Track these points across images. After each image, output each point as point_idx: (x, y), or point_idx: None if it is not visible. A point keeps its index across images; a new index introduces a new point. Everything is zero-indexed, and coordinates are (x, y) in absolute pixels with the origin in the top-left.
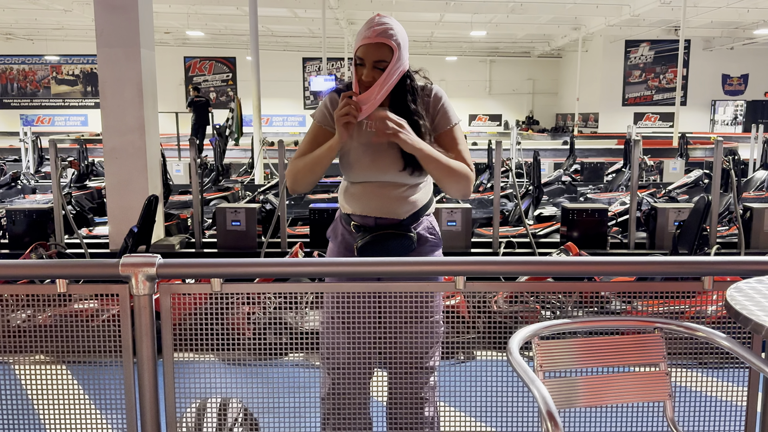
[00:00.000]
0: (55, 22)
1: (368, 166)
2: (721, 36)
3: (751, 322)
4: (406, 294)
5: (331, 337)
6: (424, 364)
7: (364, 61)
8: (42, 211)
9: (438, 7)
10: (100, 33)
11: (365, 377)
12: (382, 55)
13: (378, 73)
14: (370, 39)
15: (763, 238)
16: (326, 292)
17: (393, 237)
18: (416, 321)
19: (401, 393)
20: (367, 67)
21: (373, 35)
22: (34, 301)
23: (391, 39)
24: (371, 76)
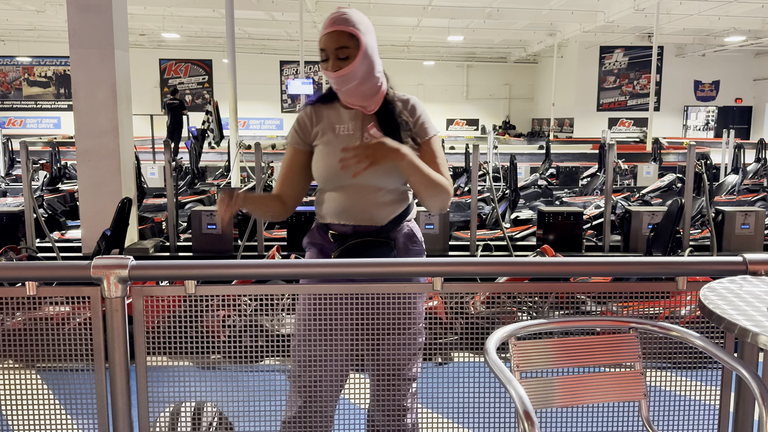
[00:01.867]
0: (27, 23)
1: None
2: (693, 43)
3: (725, 320)
4: (385, 300)
5: (306, 350)
6: (405, 374)
7: (327, 51)
8: (13, 214)
9: (415, 12)
10: (73, 34)
11: (336, 395)
12: (342, 41)
13: (343, 63)
14: (328, 28)
15: (734, 240)
16: (301, 300)
17: (371, 245)
18: (397, 331)
19: (383, 402)
20: (331, 59)
21: (330, 24)
22: (3, 304)
23: (349, 25)
24: (336, 66)
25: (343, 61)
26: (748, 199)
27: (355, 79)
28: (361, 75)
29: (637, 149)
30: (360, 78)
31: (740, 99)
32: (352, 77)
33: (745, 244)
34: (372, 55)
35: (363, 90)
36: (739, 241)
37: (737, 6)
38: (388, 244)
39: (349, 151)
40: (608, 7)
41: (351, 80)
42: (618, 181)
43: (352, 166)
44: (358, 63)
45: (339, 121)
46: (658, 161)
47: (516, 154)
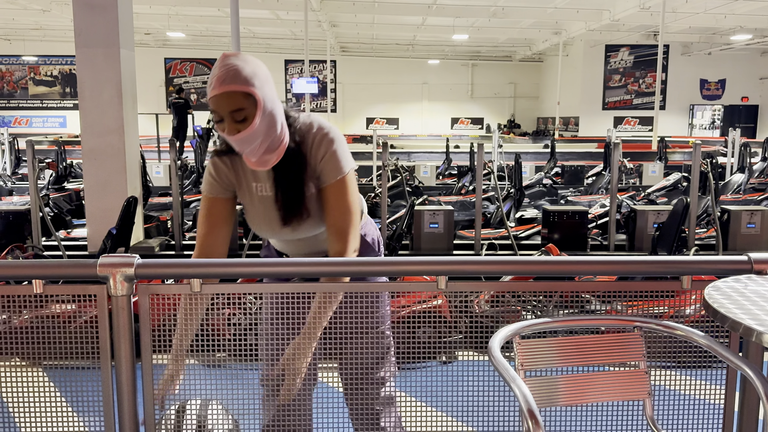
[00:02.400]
0: (33, 22)
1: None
2: (699, 41)
3: (729, 319)
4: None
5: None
6: (372, 377)
7: (220, 114)
8: (19, 212)
9: (420, 11)
10: (78, 33)
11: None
12: (236, 103)
13: (241, 125)
14: (216, 89)
15: (740, 239)
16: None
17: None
18: (362, 331)
19: (354, 405)
20: (226, 121)
21: (218, 85)
22: (10, 302)
23: (240, 83)
24: (235, 129)
25: (240, 123)
26: (754, 198)
27: (257, 139)
28: (263, 133)
29: (643, 148)
30: (262, 136)
31: (746, 98)
32: (252, 138)
33: (751, 243)
34: (272, 108)
35: (266, 147)
36: (745, 241)
37: (743, 4)
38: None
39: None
40: (614, 6)
41: (252, 141)
42: (623, 180)
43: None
44: (258, 123)
45: (255, 177)
46: (663, 160)
47: (521, 153)
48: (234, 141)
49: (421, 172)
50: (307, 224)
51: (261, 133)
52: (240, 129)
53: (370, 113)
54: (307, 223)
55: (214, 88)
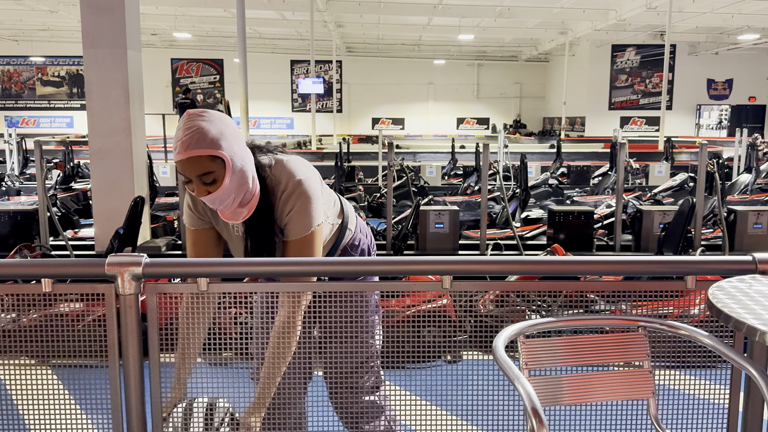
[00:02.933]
0: (41, 23)
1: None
2: (706, 41)
3: (732, 319)
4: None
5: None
6: (353, 383)
7: (188, 177)
8: (27, 212)
9: (426, 11)
10: (86, 34)
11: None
12: (202, 167)
13: (212, 187)
14: (182, 155)
15: (746, 240)
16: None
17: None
18: (344, 336)
19: (337, 410)
20: (195, 184)
21: (183, 149)
22: (18, 301)
23: (205, 146)
24: (204, 191)
25: (210, 185)
26: (761, 199)
27: (230, 196)
28: (234, 191)
29: (649, 148)
30: (234, 193)
31: (754, 97)
32: (224, 197)
33: (758, 243)
34: (242, 164)
35: (239, 201)
36: (751, 241)
37: (751, 4)
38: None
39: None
40: (620, 6)
41: (225, 200)
42: (629, 181)
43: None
44: (228, 183)
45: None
46: (670, 160)
47: (527, 153)
48: (206, 201)
49: (426, 172)
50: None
51: (232, 191)
52: (210, 190)
53: (375, 113)
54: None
55: (179, 153)
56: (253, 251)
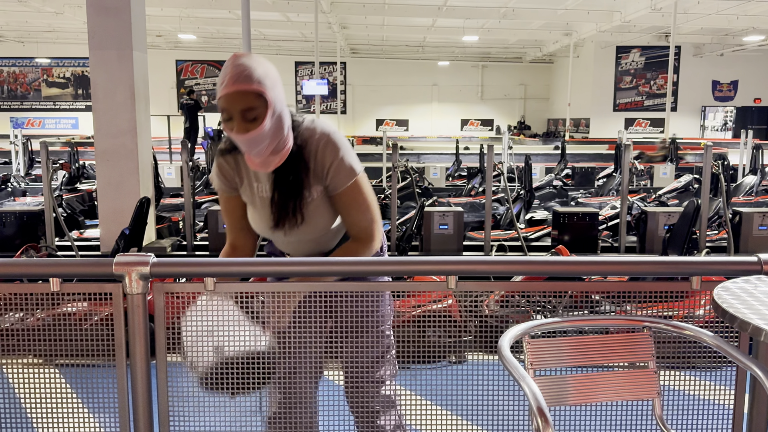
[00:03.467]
0: (46, 25)
1: (265, 231)
2: (711, 42)
3: (738, 319)
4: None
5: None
6: (371, 376)
7: (230, 113)
8: (33, 213)
9: (430, 12)
10: (92, 35)
11: (313, 388)
12: (247, 102)
13: (251, 125)
14: (228, 88)
15: (751, 241)
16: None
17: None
18: (361, 330)
19: (354, 403)
20: (236, 120)
21: (230, 83)
22: (26, 301)
23: (254, 83)
24: (244, 128)
25: (250, 122)
26: (767, 200)
27: (265, 140)
28: (271, 135)
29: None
30: (270, 137)
31: (759, 99)
32: (261, 139)
33: (763, 245)
34: (281, 110)
35: (272, 148)
36: (756, 243)
37: (756, 5)
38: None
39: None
40: (625, 7)
41: (261, 142)
42: (634, 182)
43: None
44: (267, 124)
45: (257, 178)
46: (675, 162)
47: (531, 155)
48: (243, 140)
49: (430, 174)
50: (302, 230)
51: (269, 134)
52: (249, 129)
53: (379, 115)
54: (302, 229)
55: (226, 86)
56: (279, 206)
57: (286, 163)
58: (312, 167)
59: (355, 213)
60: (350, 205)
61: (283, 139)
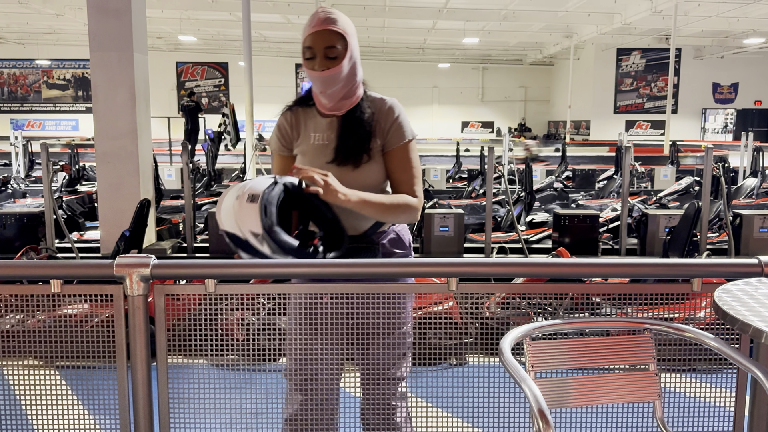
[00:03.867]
0: (47, 26)
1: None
2: (712, 45)
3: (738, 321)
4: (374, 301)
5: (298, 347)
6: (393, 374)
7: (314, 50)
8: (33, 215)
9: (431, 14)
10: (93, 37)
11: (335, 389)
12: (331, 40)
13: (331, 63)
14: (316, 27)
15: (752, 244)
16: (293, 298)
17: (356, 251)
18: (387, 330)
19: (372, 401)
20: (318, 57)
21: (319, 23)
22: (27, 302)
23: (339, 25)
24: (324, 65)
25: (331, 60)
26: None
27: (341, 81)
28: (345, 77)
29: (655, 152)
30: (344, 80)
31: (760, 101)
32: (338, 78)
33: (764, 247)
34: (356, 59)
35: (344, 93)
36: (757, 245)
37: (756, 7)
38: (370, 248)
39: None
40: (625, 9)
41: (337, 82)
42: (635, 184)
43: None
44: (346, 63)
45: (315, 128)
46: (675, 164)
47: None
48: (322, 77)
49: (431, 176)
50: (355, 176)
51: (344, 76)
52: (329, 66)
53: None
54: (356, 176)
55: (315, 26)
56: (344, 145)
57: (355, 112)
58: (376, 126)
59: (403, 172)
60: (401, 164)
61: (355, 86)
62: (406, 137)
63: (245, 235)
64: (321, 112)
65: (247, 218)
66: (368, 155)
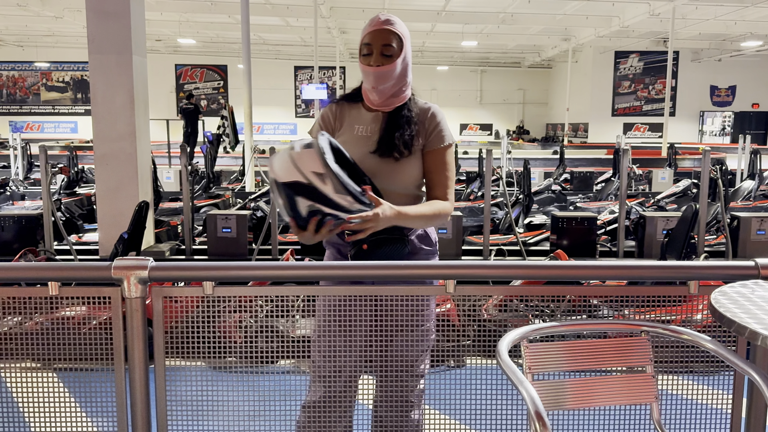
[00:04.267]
0: (46, 29)
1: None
2: (709, 48)
3: (735, 324)
4: (399, 298)
5: (324, 343)
6: (414, 370)
7: (372, 46)
8: (31, 217)
9: (429, 17)
10: (92, 40)
11: (354, 384)
12: (388, 39)
13: (386, 60)
14: (377, 26)
15: (750, 246)
16: (321, 297)
17: (386, 242)
18: (409, 328)
19: (390, 397)
20: (375, 54)
21: (379, 23)
22: (25, 304)
23: (397, 27)
24: (380, 61)
25: (386, 57)
26: (765, 205)
27: (392, 79)
28: (397, 75)
29: (653, 154)
30: (396, 78)
31: (757, 104)
32: (390, 75)
33: (761, 249)
34: (408, 62)
35: (394, 91)
36: (754, 247)
37: (754, 11)
38: (402, 240)
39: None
40: (623, 12)
41: (389, 79)
42: (633, 187)
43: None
44: (399, 63)
45: (359, 121)
46: (673, 166)
47: (530, 159)
48: (376, 72)
49: None
50: (397, 166)
51: (396, 74)
52: (384, 63)
53: None
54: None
55: (375, 25)
56: (388, 137)
57: (402, 110)
58: (420, 128)
59: (438, 173)
60: (438, 166)
61: (405, 86)
62: (446, 141)
63: (308, 177)
64: (367, 107)
65: (307, 160)
66: (409, 151)
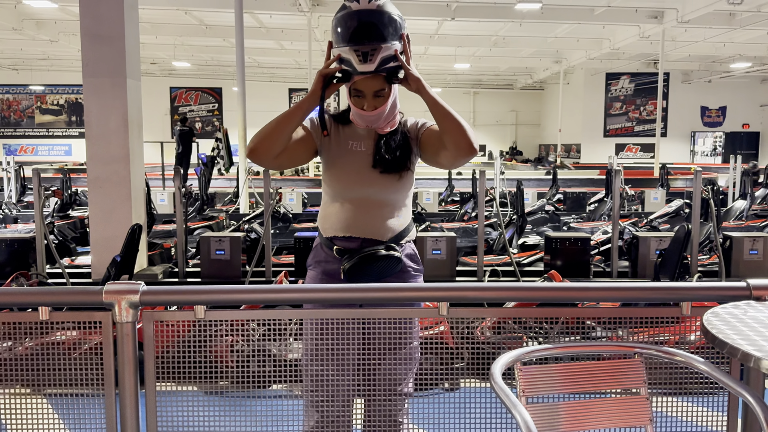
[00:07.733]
0: (41, 52)
1: (352, 179)
2: (699, 69)
3: (727, 345)
4: (387, 321)
5: (315, 368)
6: (401, 390)
7: (364, 93)
8: (24, 240)
9: (422, 40)
10: (86, 63)
11: (349, 407)
12: (381, 85)
13: (379, 102)
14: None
15: (742, 266)
16: (307, 321)
17: (379, 258)
18: (396, 348)
19: (378, 419)
20: (368, 99)
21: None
22: (15, 329)
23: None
24: (373, 105)
25: (379, 98)
26: (757, 225)
27: (383, 117)
28: (387, 113)
29: (645, 175)
30: (385, 118)
31: (747, 125)
32: (381, 114)
33: (754, 269)
34: (396, 98)
35: (387, 122)
36: (747, 267)
37: (742, 33)
38: (395, 256)
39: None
40: (613, 35)
41: (380, 119)
42: (625, 207)
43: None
44: (389, 104)
45: (353, 137)
46: (665, 187)
47: (523, 180)
48: (368, 116)
49: (423, 199)
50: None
51: (386, 115)
52: (377, 105)
53: None
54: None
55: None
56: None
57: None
58: (411, 139)
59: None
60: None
61: (394, 117)
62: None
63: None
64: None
65: None
66: (409, 168)
